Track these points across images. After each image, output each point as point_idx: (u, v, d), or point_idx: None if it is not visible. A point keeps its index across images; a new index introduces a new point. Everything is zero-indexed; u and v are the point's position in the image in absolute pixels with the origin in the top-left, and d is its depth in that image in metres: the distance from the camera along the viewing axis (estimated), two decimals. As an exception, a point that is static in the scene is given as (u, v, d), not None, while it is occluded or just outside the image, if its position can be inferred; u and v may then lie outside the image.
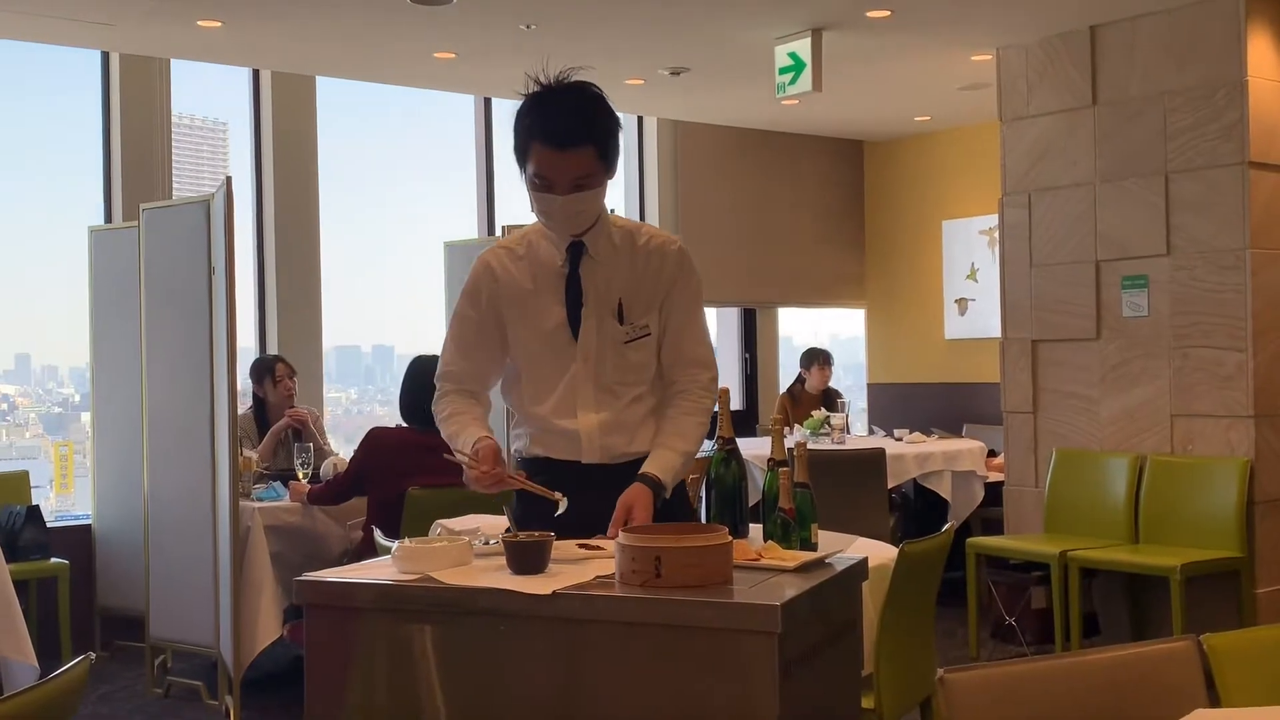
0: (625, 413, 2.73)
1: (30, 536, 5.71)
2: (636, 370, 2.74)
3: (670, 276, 2.75)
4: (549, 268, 2.73)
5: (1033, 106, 6.29)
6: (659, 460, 2.66)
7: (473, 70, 6.89)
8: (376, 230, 8.12)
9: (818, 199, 9.10)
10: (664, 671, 2.09)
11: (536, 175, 2.61)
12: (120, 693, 5.42)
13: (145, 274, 5.54)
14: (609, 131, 2.63)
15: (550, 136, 2.57)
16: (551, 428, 2.74)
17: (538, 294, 2.74)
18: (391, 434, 4.98)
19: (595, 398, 2.72)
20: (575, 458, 2.73)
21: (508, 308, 2.76)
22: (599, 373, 2.72)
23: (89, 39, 6.18)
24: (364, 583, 2.31)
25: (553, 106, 2.60)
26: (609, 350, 2.72)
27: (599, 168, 2.61)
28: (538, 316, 2.73)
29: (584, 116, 2.59)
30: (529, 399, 2.79)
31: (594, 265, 2.72)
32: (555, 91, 2.63)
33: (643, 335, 2.73)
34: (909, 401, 8.88)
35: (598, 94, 2.65)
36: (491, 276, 2.76)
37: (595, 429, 2.71)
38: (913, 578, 3.30)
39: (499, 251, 2.80)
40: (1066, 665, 1.97)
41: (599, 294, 2.72)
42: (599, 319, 2.71)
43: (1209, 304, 5.60)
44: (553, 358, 2.73)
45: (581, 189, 2.60)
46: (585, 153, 2.58)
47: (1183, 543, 5.50)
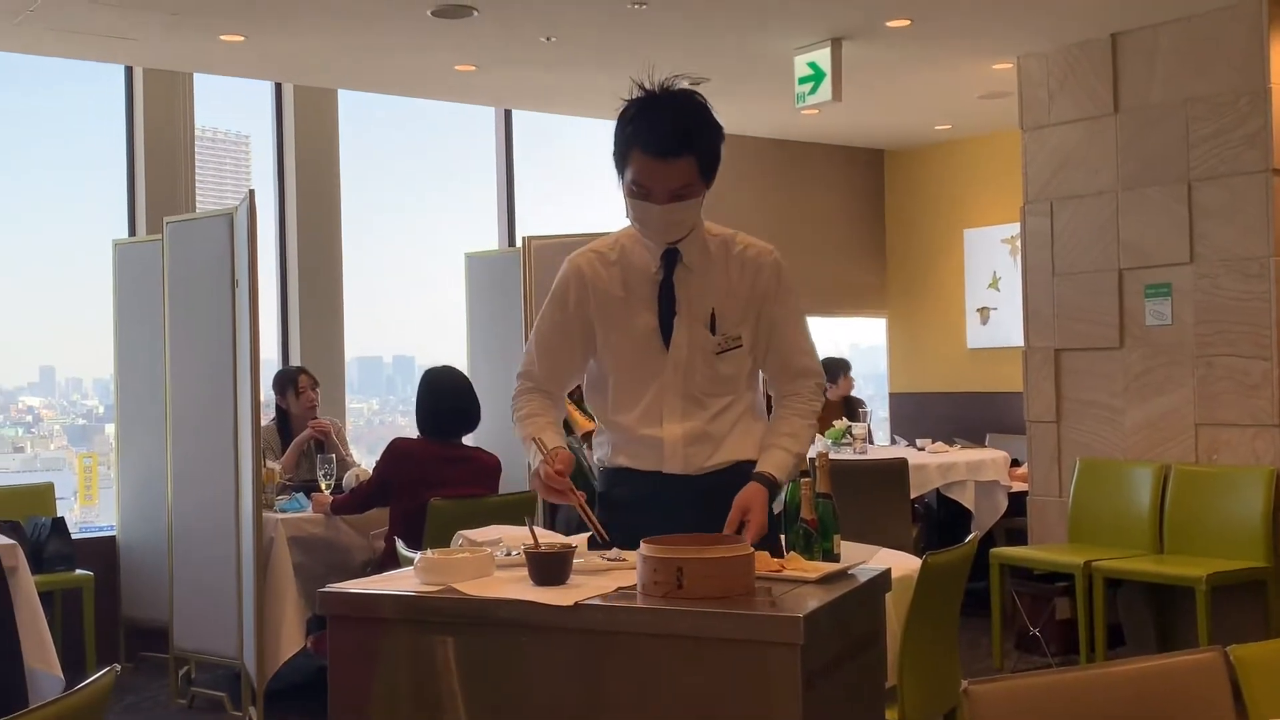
0: (712, 424, 2.70)
1: (55, 548, 5.74)
2: (726, 381, 2.71)
3: (766, 288, 2.72)
4: (642, 274, 2.71)
5: (1054, 115, 6.27)
6: (773, 459, 2.64)
7: (493, 82, 6.91)
8: (398, 241, 8.16)
9: (838, 208, 9.08)
10: (686, 683, 2.08)
11: (635, 183, 2.59)
12: (145, 704, 5.44)
13: (169, 286, 5.57)
14: (710, 142, 2.61)
15: (651, 145, 2.55)
16: (636, 437, 2.71)
17: (629, 301, 2.71)
18: (413, 445, 4.99)
19: (682, 408, 2.69)
20: (657, 467, 2.69)
21: (598, 313, 2.72)
22: (688, 383, 2.69)
23: (113, 54, 6.23)
24: (386, 594, 2.31)
25: (655, 115, 2.57)
26: (699, 360, 2.69)
27: (698, 178, 2.59)
28: (629, 323, 2.70)
29: (686, 126, 2.57)
30: (615, 406, 2.75)
31: (688, 274, 2.69)
32: (659, 99, 2.60)
33: (734, 347, 2.70)
34: (931, 411, 8.84)
35: (701, 103, 2.63)
36: (581, 280, 2.73)
37: (680, 439, 2.69)
38: (936, 589, 3.29)
39: (590, 255, 2.76)
40: (1092, 677, 1.95)
41: (692, 303, 2.69)
42: (691, 328, 2.68)
43: (1233, 312, 5.57)
44: (642, 366, 2.70)
45: (680, 199, 2.58)
46: (685, 163, 2.56)
47: (1208, 553, 5.46)
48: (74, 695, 1.76)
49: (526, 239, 6.61)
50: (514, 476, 6.23)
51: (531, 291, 6.48)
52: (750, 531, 2.49)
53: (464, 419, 5.10)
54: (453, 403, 5.05)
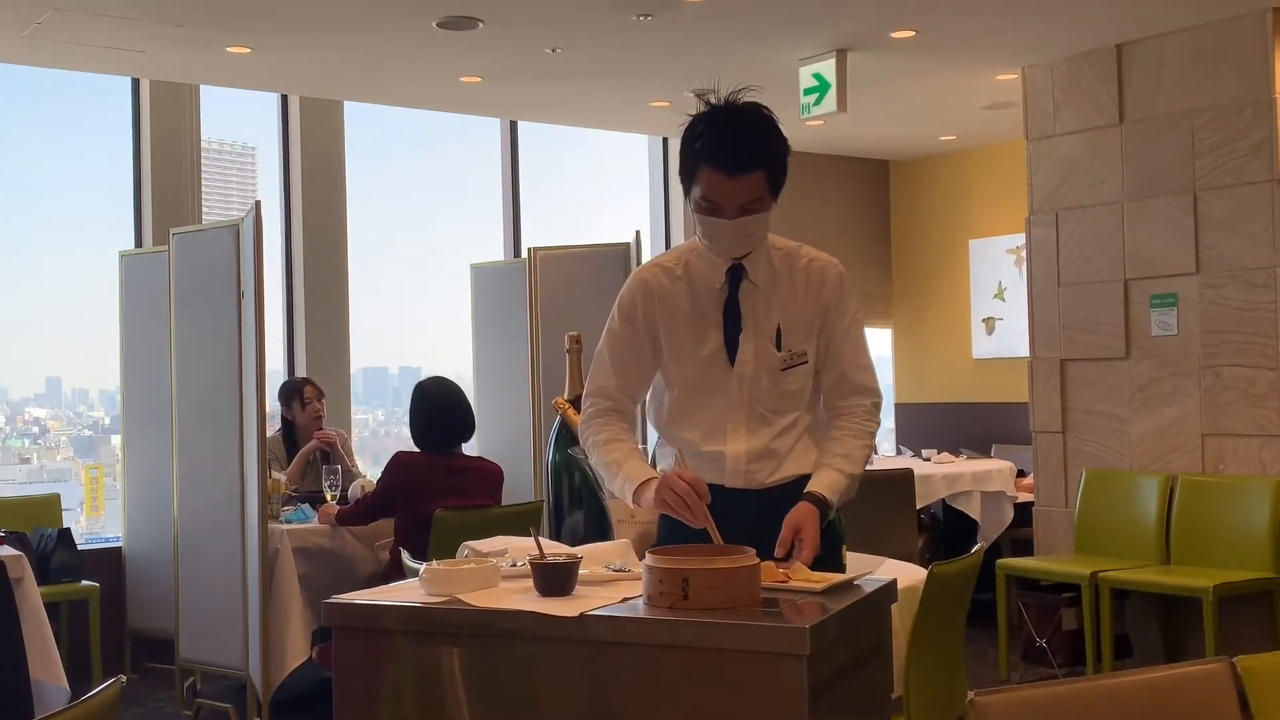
0: (776, 441, 2.68)
1: (62, 559, 5.74)
2: (791, 398, 2.69)
3: (830, 301, 2.70)
4: (707, 290, 2.69)
5: (1059, 125, 6.28)
6: (825, 479, 2.60)
7: (499, 94, 6.93)
8: (403, 253, 8.17)
9: (843, 219, 9.09)
10: (691, 694, 2.08)
11: (704, 198, 2.57)
12: (150, 715, 5.44)
13: (175, 297, 5.58)
14: (779, 156, 2.59)
15: (722, 162, 2.53)
16: (698, 451, 2.68)
17: (695, 316, 2.69)
18: (416, 458, 4.99)
19: (747, 424, 2.67)
20: (719, 482, 2.65)
21: (664, 327, 2.71)
22: (753, 399, 2.67)
23: (120, 66, 6.25)
24: (392, 605, 2.32)
25: (725, 130, 2.56)
26: (765, 377, 2.67)
27: (767, 193, 2.57)
28: (694, 339, 2.69)
29: (756, 142, 2.56)
30: (678, 421, 2.73)
31: (753, 289, 2.67)
32: (727, 113, 2.59)
33: (800, 363, 2.68)
34: (937, 421, 8.84)
35: (769, 117, 2.61)
36: (648, 294, 2.72)
37: (743, 456, 2.67)
38: (942, 599, 3.28)
39: (655, 270, 2.74)
40: (1099, 687, 1.95)
41: (757, 319, 2.67)
42: (756, 345, 2.67)
43: (1239, 322, 5.56)
44: (707, 381, 2.69)
45: (749, 213, 2.57)
46: (755, 178, 2.54)
47: (1215, 563, 5.45)
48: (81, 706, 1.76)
49: (532, 250, 6.61)
50: (517, 486, 6.23)
51: (537, 302, 6.48)
52: (804, 552, 2.45)
53: (458, 430, 5.09)
54: (446, 415, 5.05)
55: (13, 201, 6.91)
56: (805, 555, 2.45)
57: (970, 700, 1.85)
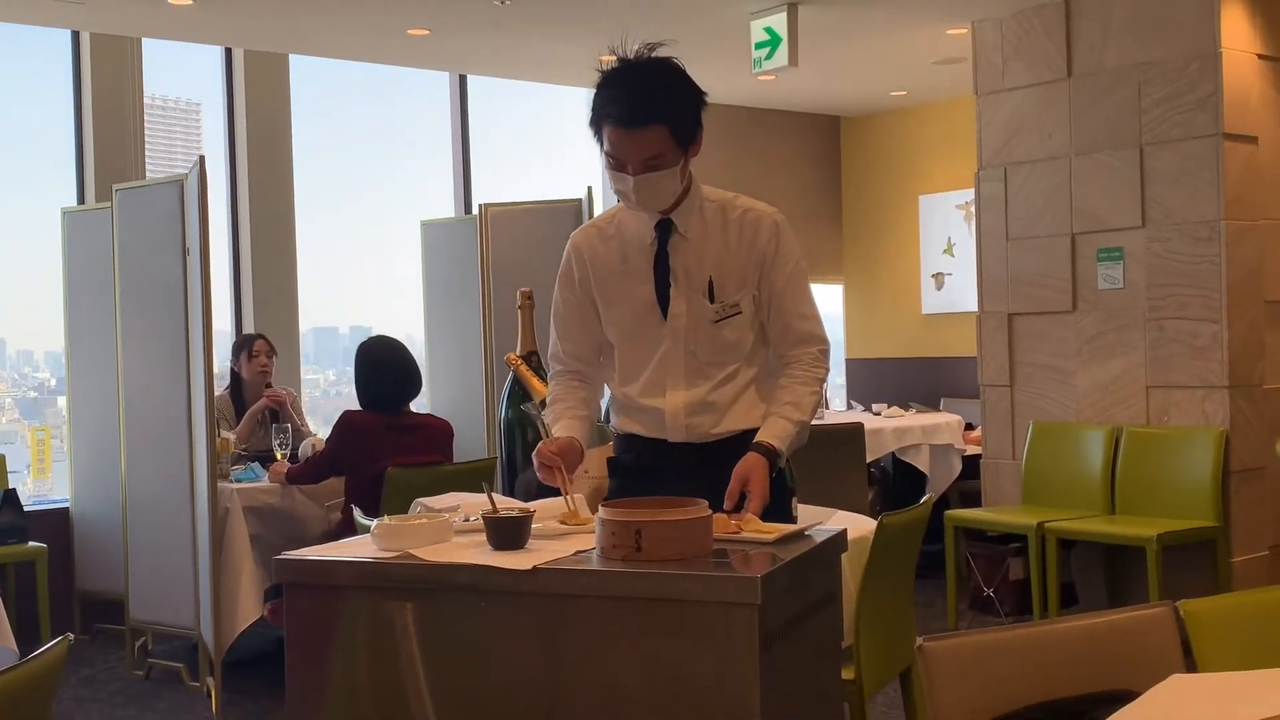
0: (715, 393, 2.68)
1: (8, 520, 5.68)
2: (729, 349, 2.69)
3: (764, 250, 2.68)
4: (638, 246, 2.70)
5: (1008, 80, 6.30)
6: (773, 428, 2.60)
7: (447, 47, 6.85)
8: (352, 210, 8.08)
9: (794, 175, 9.09)
10: (645, 645, 2.10)
11: (609, 154, 2.58)
12: (101, 675, 5.41)
13: (119, 255, 5.50)
14: (682, 109, 2.57)
15: (620, 117, 2.53)
16: (639, 406, 2.71)
17: (627, 274, 2.70)
18: (364, 417, 4.97)
19: (686, 378, 2.68)
20: (662, 436, 2.69)
21: (598, 287, 2.72)
22: (689, 352, 2.68)
23: (59, 18, 6.12)
24: (344, 560, 2.31)
25: (624, 85, 2.55)
26: (700, 329, 2.67)
27: (671, 146, 2.55)
28: (627, 296, 2.70)
29: (655, 96, 2.54)
30: (620, 377, 2.76)
31: (683, 243, 2.67)
32: (628, 68, 2.58)
33: (733, 314, 2.67)
34: (887, 376, 8.90)
35: (674, 70, 2.59)
36: (580, 257, 2.74)
37: (681, 409, 2.68)
38: (892, 550, 3.32)
39: (589, 231, 2.77)
40: (1045, 633, 1.98)
41: (689, 272, 2.67)
42: (689, 298, 2.67)
43: (1184, 276, 5.63)
44: (642, 337, 2.70)
45: (655, 168, 2.56)
46: (656, 132, 2.53)
47: (1159, 513, 5.54)
48: (28, 664, 1.75)
49: (483, 206, 6.56)
50: (469, 443, 6.22)
51: (488, 259, 6.45)
52: (752, 503, 2.46)
53: (404, 389, 5.07)
54: (391, 374, 5.02)
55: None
56: (754, 506, 2.46)
57: (919, 646, 1.87)
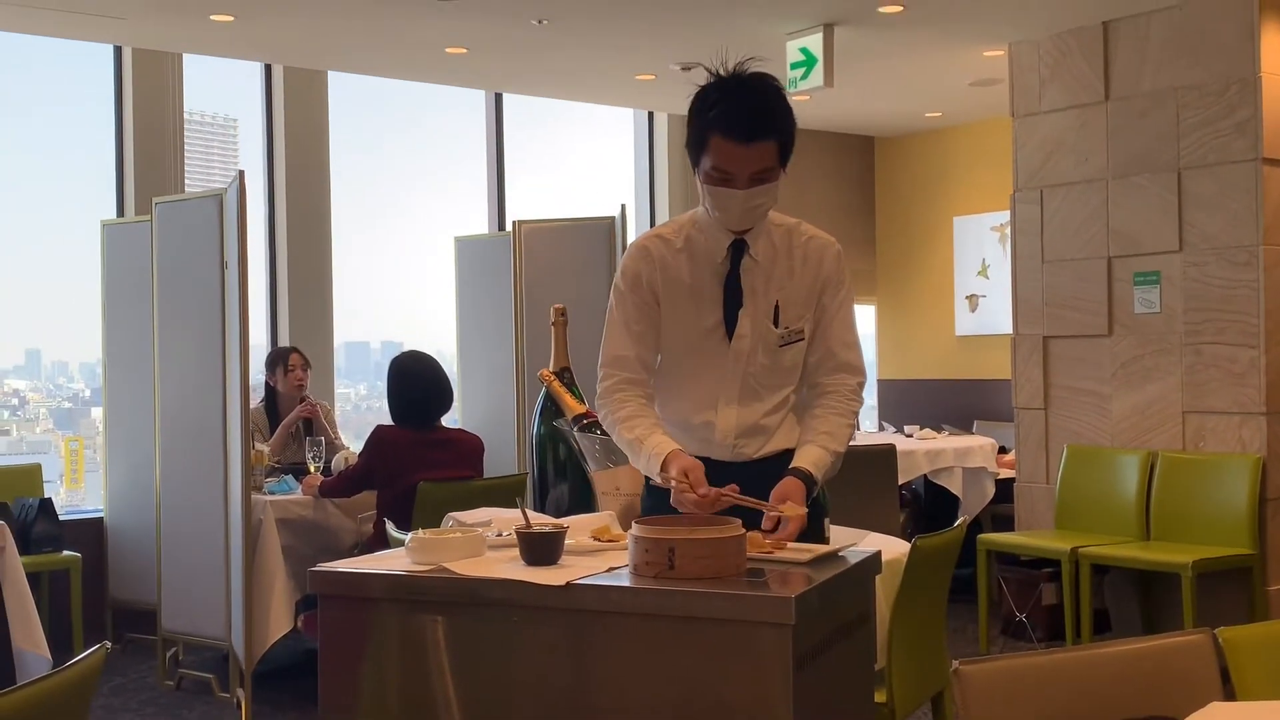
0: (767, 417, 2.68)
1: (43, 529, 5.72)
2: (787, 373, 2.69)
3: (827, 279, 2.70)
4: (708, 264, 2.67)
5: (1045, 102, 6.28)
6: (810, 455, 2.59)
7: (484, 65, 6.89)
8: (387, 225, 8.13)
9: (828, 195, 9.09)
10: (677, 663, 2.09)
11: (715, 168, 2.56)
12: (132, 685, 5.44)
13: (158, 268, 5.55)
14: (790, 126, 2.59)
15: (734, 130, 2.52)
16: (688, 422, 2.69)
17: (695, 289, 2.68)
18: (396, 433, 4.98)
19: (739, 399, 2.67)
20: (706, 454, 2.65)
21: (664, 296, 2.69)
22: (747, 374, 2.67)
23: (102, 33, 6.20)
24: (378, 573, 2.31)
25: (737, 99, 2.54)
26: (761, 352, 2.67)
27: (777, 162, 2.57)
28: (693, 313, 2.68)
29: (769, 109, 2.55)
30: (669, 391, 2.73)
31: (754, 265, 2.66)
32: (739, 83, 2.58)
33: (796, 340, 2.68)
34: (919, 398, 8.86)
35: (779, 87, 2.60)
36: (650, 262, 2.69)
37: (733, 429, 2.67)
38: (925, 572, 3.30)
39: (656, 239, 2.73)
40: (1082, 658, 1.96)
41: (757, 295, 2.66)
42: (755, 321, 2.66)
43: (1221, 300, 5.59)
44: (701, 355, 2.68)
45: (761, 182, 2.56)
46: (768, 146, 2.54)
47: (1194, 540, 5.49)
48: (66, 671, 1.76)
49: (516, 223, 6.59)
50: (501, 459, 6.23)
51: (521, 276, 6.47)
52: (790, 526, 2.44)
53: (436, 404, 5.07)
54: (423, 389, 5.03)
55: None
56: (791, 529, 2.44)
57: (955, 670, 1.86)
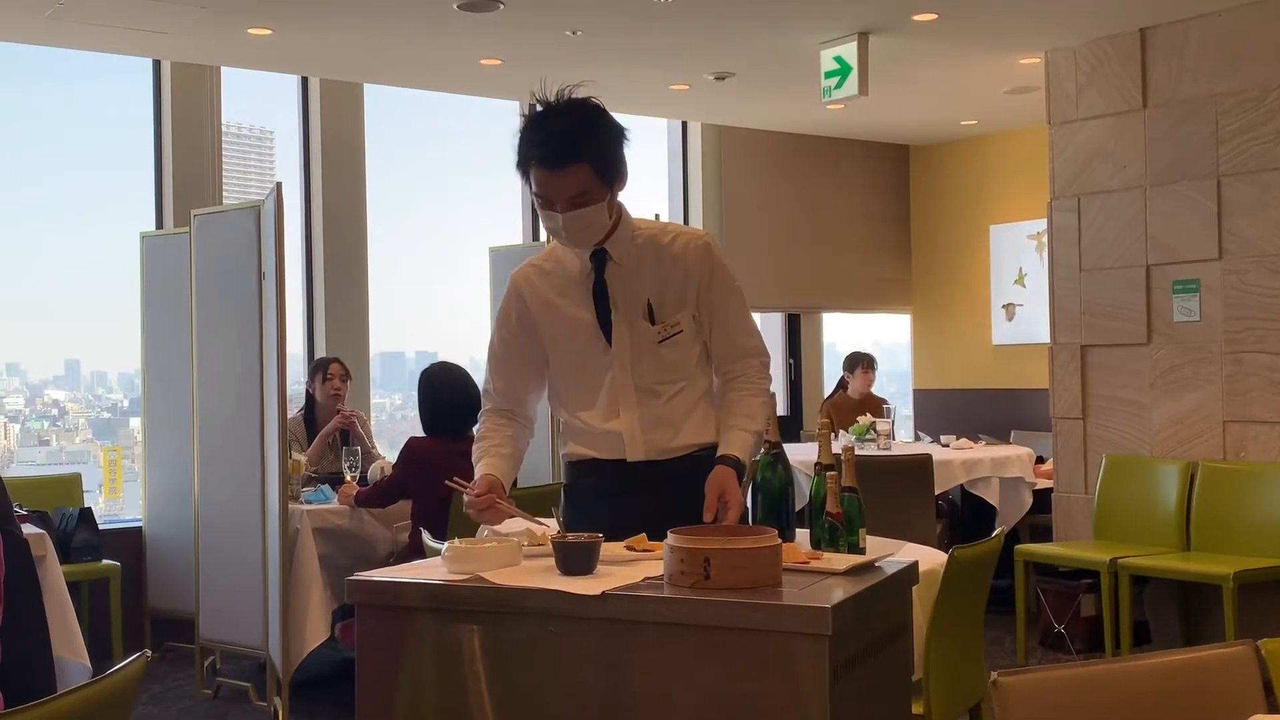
0: (666, 409, 2.77)
1: (83, 538, 5.78)
2: (674, 368, 2.78)
3: (699, 271, 2.77)
4: (575, 278, 2.78)
5: (1081, 110, 6.24)
6: (734, 441, 2.70)
7: (519, 76, 6.91)
8: (422, 236, 8.17)
9: (863, 204, 9.06)
10: (712, 673, 2.08)
11: (536, 194, 2.66)
12: (170, 693, 5.47)
13: (196, 279, 5.60)
14: (603, 147, 2.64)
15: (544, 158, 2.61)
16: (595, 431, 2.79)
17: (567, 305, 2.78)
18: (429, 444, 5.00)
19: (636, 399, 2.76)
20: (621, 456, 2.77)
21: (541, 323, 2.81)
22: (636, 374, 2.76)
23: (141, 47, 6.26)
24: (415, 582, 2.32)
25: (545, 128, 2.63)
26: (644, 352, 2.76)
27: (596, 184, 2.62)
28: (569, 327, 2.78)
29: (575, 136, 2.61)
30: (571, 406, 2.84)
31: (619, 270, 2.75)
32: (550, 111, 2.65)
33: (675, 334, 2.76)
34: (956, 407, 8.81)
35: (593, 110, 2.66)
36: (519, 297, 2.83)
37: (637, 428, 2.76)
38: (963, 583, 3.28)
39: (527, 270, 2.86)
40: (1123, 669, 1.94)
41: (627, 298, 2.75)
42: (630, 322, 2.75)
43: (1262, 309, 5.53)
44: (589, 365, 2.78)
45: (580, 205, 2.63)
46: (580, 171, 2.60)
47: (1235, 550, 5.42)
48: (108, 679, 1.77)
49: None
50: (534, 469, 6.23)
51: (556, 286, 6.47)
52: (731, 511, 2.55)
53: (466, 415, 5.08)
54: (454, 400, 5.04)
55: (34, 182, 6.93)
56: (733, 514, 2.55)
57: (994, 681, 1.84)
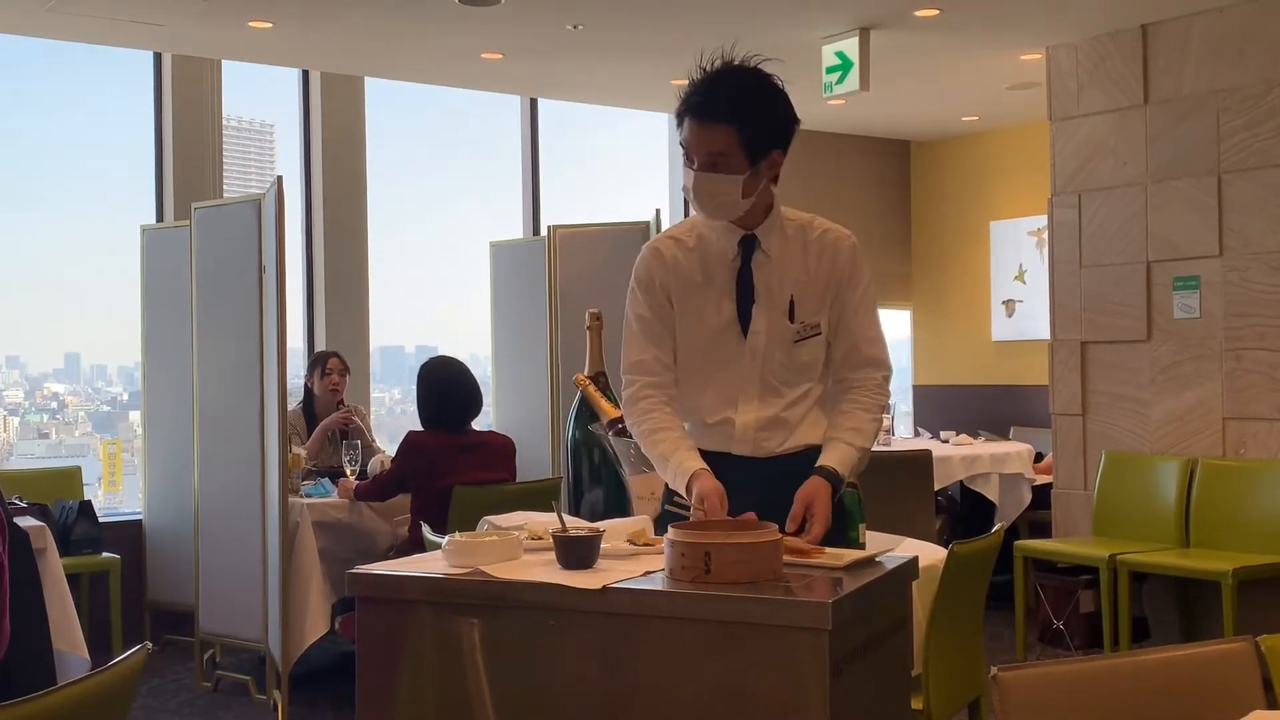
0: (787, 411, 2.68)
1: (83, 531, 5.78)
2: (804, 369, 2.70)
3: (842, 272, 2.69)
4: (720, 261, 2.68)
5: (1083, 106, 6.23)
6: (836, 453, 2.60)
7: (520, 71, 6.91)
8: (422, 230, 8.17)
9: (864, 199, 9.05)
10: (713, 668, 2.09)
11: (682, 142, 2.61)
12: (170, 686, 5.48)
13: (196, 272, 5.60)
14: (755, 116, 2.57)
15: (694, 109, 2.57)
16: (707, 419, 2.69)
17: (707, 287, 2.68)
18: (428, 438, 5.00)
19: (759, 395, 2.67)
20: (727, 449, 2.67)
21: (677, 298, 2.70)
22: (765, 370, 2.67)
23: (142, 40, 6.25)
24: (415, 575, 2.33)
25: (709, 82, 2.59)
26: (778, 348, 2.67)
27: (738, 151, 2.55)
28: (707, 311, 2.68)
29: (730, 94, 2.56)
30: (687, 390, 2.72)
31: (766, 260, 2.67)
32: (723, 70, 2.61)
33: (813, 335, 2.68)
34: (955, 403, 8.81)
35: (760, 77, 2.61)
36: (662, 263, 2.71)
37: (753, 424, 2.67)
38: (962, 578, 3.28)
39: (668, 241, 2.74)
40: (1123, 665, 1.94)
41: (771, 291, 2.67)
42: (769, 317, 2.66)
43: (1262, 305, 5.53)
44: (718, 353, 2.68)
45: (716, 168, 2.56)
46: (723, 130, 2.54)
47: (1235, 547, 5.43)
48: (108, 671, 1.77)
49: (552, 228, 6.60)
50: (535, 463, 6.24)
51: (556, 281, 6.48)
52: (815, 526, 2.46)
53: (465, 409, 5.08)
54: (452, 394, 5.04)
55: (34, 175, 6.93)
56: (816, 530, 2.46)
57: (993, 676, 1.84)
